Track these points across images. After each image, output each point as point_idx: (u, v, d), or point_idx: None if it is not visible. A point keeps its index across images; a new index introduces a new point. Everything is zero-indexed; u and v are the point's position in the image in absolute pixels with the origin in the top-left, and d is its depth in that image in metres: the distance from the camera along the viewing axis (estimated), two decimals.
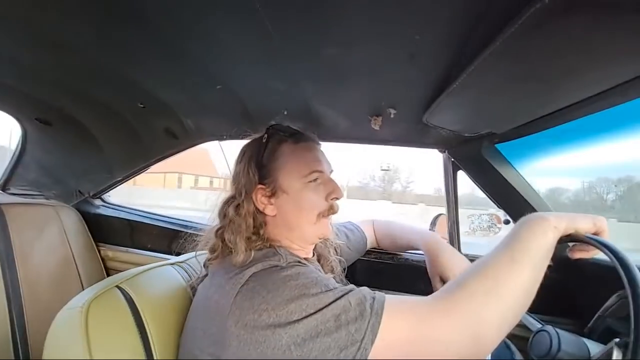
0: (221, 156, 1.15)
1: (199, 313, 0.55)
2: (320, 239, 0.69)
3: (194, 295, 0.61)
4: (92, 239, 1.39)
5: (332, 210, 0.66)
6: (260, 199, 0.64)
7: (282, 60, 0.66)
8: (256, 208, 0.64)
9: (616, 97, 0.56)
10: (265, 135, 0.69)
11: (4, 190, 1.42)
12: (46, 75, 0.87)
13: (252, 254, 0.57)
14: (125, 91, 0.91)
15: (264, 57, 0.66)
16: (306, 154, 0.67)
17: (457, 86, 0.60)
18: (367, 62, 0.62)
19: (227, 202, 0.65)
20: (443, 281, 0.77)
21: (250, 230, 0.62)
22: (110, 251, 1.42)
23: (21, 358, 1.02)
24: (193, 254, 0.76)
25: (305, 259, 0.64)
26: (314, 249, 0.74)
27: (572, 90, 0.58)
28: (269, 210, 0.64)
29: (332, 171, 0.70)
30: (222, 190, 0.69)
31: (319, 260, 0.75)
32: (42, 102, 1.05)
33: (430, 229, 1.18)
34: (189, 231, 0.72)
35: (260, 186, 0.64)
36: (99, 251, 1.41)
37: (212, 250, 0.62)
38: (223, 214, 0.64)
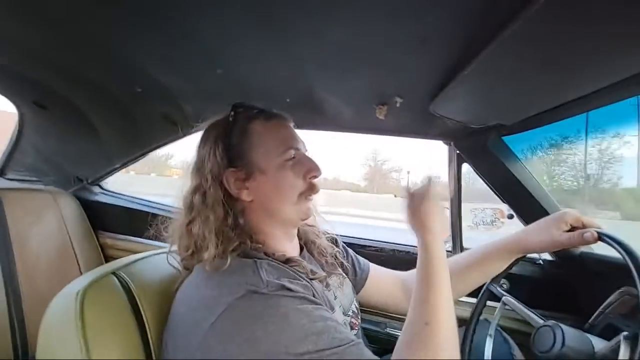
0: None
1: (174, 330, 0.50)
2: (302, 219, 0.63)
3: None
4: (90, 226, 1.38)
5: (312, 189, 0.61)
6: (233, 183, 0.57)
7: (286, 42, 0.63)
8: (227, 195, 0.57)
9: (633, 87, 0.54)
10: (232, 114, 0.61)
11: (1, 175, 1.40)
12: (40, 55, 0.84)
13: (229, 260, 0.49)
14: (122, 73, 0.88)
15: (267, 39, 0.64)
16: (280, 130, 0.62)
17: (468, 73, 0.58)
18: (376, 46, 0.60)
19: (192, 192, 0.58)
20: None
21: (220, 221, 0.54)
22: (109, 239, 1.42)
23: (19, 345, 1.02)
24: None
25: (289, 260, 0.57)
26: (299, 239, 0.70)
27: (588, 79, 0.56)
28: (245, 195, 0.58)
29: (306, 150, 0.65)
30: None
31: (306, 246, 0.70)
32: (37, 84, 1.02)
33: None
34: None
35: (231, 169, 0.57)
36: (98, 238, 1.41)
37: (186, 248, 0.56)
38: (189, 206, 0.57)
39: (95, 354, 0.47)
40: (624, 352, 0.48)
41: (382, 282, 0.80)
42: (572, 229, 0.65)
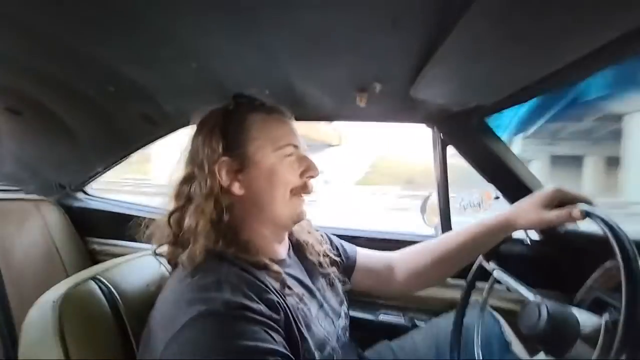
0: None
1: (144, 340, 0.48)
2: (294, 222, 0.61)
3: None
4: (76, 233, 1.35)
5: (306, 188, 0.60)
6: (225, 174, 0.55)
7: (257, 32, 0.61)
8: (220, 186, 0.55)
9: (611, 55, 0.53)
10: (233, 103, 0.61)
11: None
12: (8, 59, 0.81)
13: (199, 258, 0.48)
14: (93, 74, 0.85)
15: (237, 29, 0.61)
16: (280, 125, 0.61)
17: (442, 53, 0.57)
18: (347, 30, 0.58)
19: (183, 181, 0.56)
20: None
21: (208, 214, 0.52)
22: (96, 244, 1.39)
23: (12, 358, 1.00)
24: None
25: (266, 266, 0.53)
26: (290, 238, 0.68)
27: (565, 49, 0.54)
28: (236, 188, 0.56)
29: (306, 149, 0.64)
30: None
31: (297, 247, 0.68)
32: (8, 89, 0.98)
33: (421, 209, 1.16)
34: None
35: (224, 158, 0.55)
36: (86, 244, 1.38)
37: (169, 239, 0.54)
38: (178, 195, 0.55)
39: None
40: (603, 336, 0.48)
41: (371, 265, 0.80)
42: (560, 204, 0.63)
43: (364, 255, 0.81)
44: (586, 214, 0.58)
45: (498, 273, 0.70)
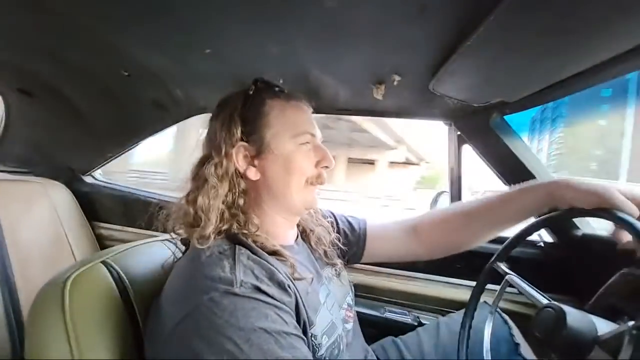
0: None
1: (152, 315, 0.49)
2: (307, 209, 0.62)
3: None
4: (84, 217, 1.35)
5: (320, 179, 0.60)
6: (242, 159, 0.56)
7: (277, 18, 0.60)
8: (236, 170, 0.55)
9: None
10: (253, 87, 0.60)
11: None
12: (24, 40, 0.81)
13: (212, 238, 0.49)
14: (107, 56, 0.84)
15: (256, 15, 0.60)
16: (299, 113, 0.61)
17: (469, 46, 0.55)
18: (371, 17, 0.56)
19: (202, 162, 0.56)
20: None
21: (223, 196, 0.53)
22: (104, 229, 1.40)
23: (17, 337, 1.01)
24: None
25: (276, 252, 0.54)
26: (297, 226, 0.68)
27: (596, 49, 0.52)
28: (252, 173, 0.56)
29: (321, 139, 0.64)
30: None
31: (304, 234, 0.68)
32: (22, 70, 0.98)
33: (431, 206, 1.14)
34: None
35: (242, 143, 0.56)
36: (93, 229, 1.39)
37: (188, 225, 0.53)
38: (196, 175, 0.55)
39: (83, 344, 0.46)
40: (627, 344, 0.46)
41: (385, 233, 0.78)
42: None
43: (376, 226, 0.79)
44: (617, 218, 0.56)
45: (511, 278, 0.69)
